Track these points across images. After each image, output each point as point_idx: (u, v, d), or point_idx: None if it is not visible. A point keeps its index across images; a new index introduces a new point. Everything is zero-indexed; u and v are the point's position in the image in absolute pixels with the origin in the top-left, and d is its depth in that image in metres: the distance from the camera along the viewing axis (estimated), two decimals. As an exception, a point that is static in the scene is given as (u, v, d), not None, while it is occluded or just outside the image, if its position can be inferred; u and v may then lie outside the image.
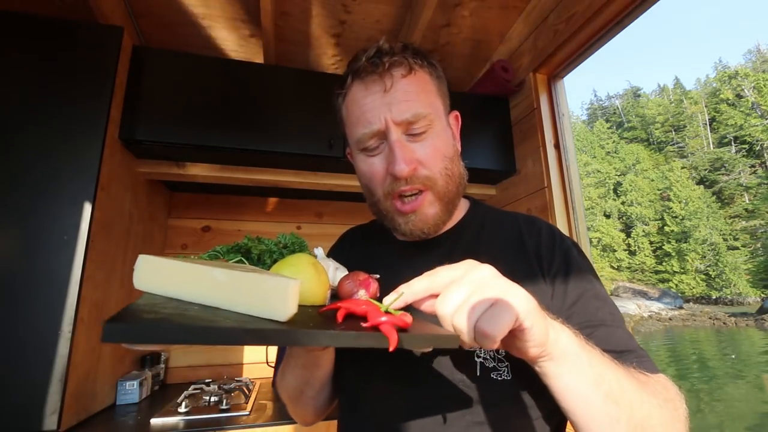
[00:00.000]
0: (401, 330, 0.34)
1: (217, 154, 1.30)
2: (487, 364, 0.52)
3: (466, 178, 0.66)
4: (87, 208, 1.02)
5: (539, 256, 0.59)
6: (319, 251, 0.58)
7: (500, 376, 0.52)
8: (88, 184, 1.03)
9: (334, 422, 0.68)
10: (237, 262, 0.53)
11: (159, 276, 0.37)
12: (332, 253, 0.85)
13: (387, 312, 0.36)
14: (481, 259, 0.60)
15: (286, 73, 1.37)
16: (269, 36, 1.37)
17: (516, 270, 0.57)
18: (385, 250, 0.72)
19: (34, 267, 0.96)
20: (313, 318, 0.37)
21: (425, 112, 0.58)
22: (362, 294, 0.45)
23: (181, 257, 0.51)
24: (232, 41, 1.49)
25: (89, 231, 1.01)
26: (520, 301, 0.37)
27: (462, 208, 0.71)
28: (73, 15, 1.24)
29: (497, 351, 0.53)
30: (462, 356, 0.53)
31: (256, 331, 0.29)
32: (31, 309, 0.95)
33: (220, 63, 1.33)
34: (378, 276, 0.54)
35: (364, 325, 0.33)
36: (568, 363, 0.41)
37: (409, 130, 0.58)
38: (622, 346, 0.52)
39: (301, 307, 0.39)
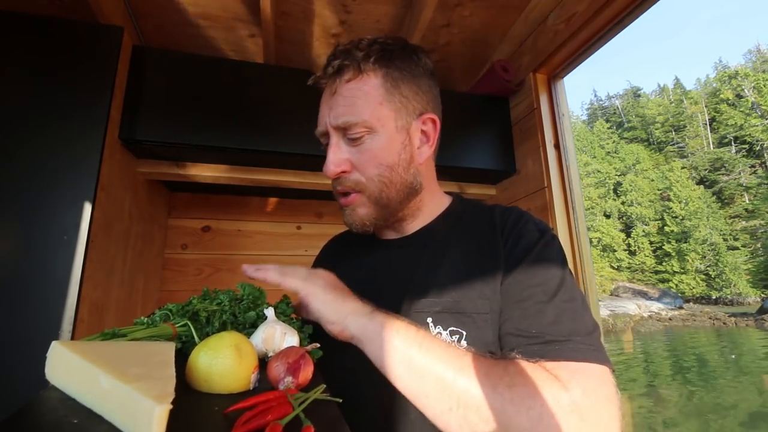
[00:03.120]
0: None
1: (217, 154, 1.30)
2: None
3: (416, 186, 0.65)
4: (87, 208, 1.02)
5: (505, 241, 0.59)
6: (270, 312, 0.55)
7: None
8: (88, 185, 1.03)
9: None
10: (182, 326, 0.52)
11: (64, 370, 0.36)
12: (314, 265, 0.85)
13: (297, 419, 0.34)
14: (452, 253, 0.62)
15: (286, 73, 1.37)
16: (269, 36, 1.37)
17: (482, 260, 0.58)
18: (361, 250, 0.75)
19: (34, 267, 0.96)
20: (205, 429, 0.34)
21: (357, 120, 0.59)
22: (289, 382, 0.42)
23: (132, 325, 0.50)
24: (232, 41, 1.49)
25: (89, 231, 1.01)
26: (309, 281, 0.56)
27: (442, 204, 0.72)
28: (73, 15, 1.24)
29: (458, 342, 0.53)
30: None
31: None
32: (31, 309, 0.94)
33: (220, 63, 1.33)
34: (318, 345, 0.52)
35: None
36: (367, 344, 0.50)
37: (347, 135, 0.61)
38: (548, 337, 0.47)
39: (212, 398, 0.39)
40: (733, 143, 45.24)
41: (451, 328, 0.54)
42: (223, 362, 0.41)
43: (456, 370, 0.44)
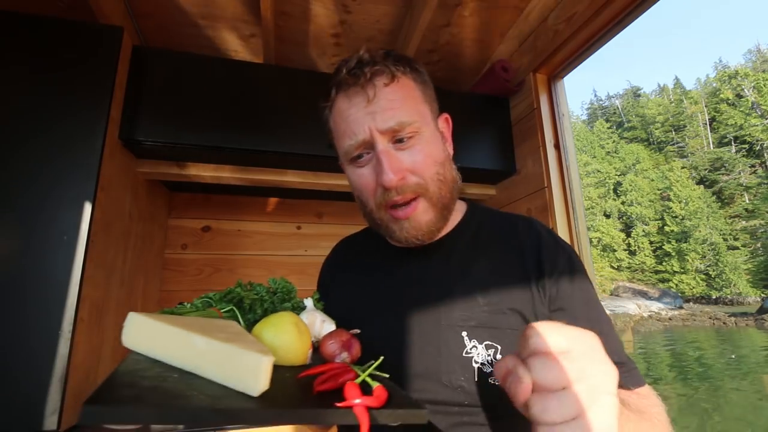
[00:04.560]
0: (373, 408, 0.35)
1: (217, 154, 1.30)
2: (485, 369, 0.53)
3: (459, 182, 0.67)
4: (87, 208, 1.02)
5: (539, 259, 0.59)
6: (309, 302, 0.58)
7: (498, 380, 0.53)
8: (88, 184, 1.03)
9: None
10: (228, 311, 0.54)
11: (145, 336, 0.39)
12: (326, 266, 0.85)
13: (364, 383, 0.38)
14: (478, 264, 0.61)
15: (286, 73, 1.37)
16: (269, 36, 1.37)
17: (511, 273, 0.59)
18: (380, 258, 0.71)
19: (33, 267, 0.96)
20: (289, 388, 0.38)
21: (410, 120, 0.57)
22: (345, 357, 0.46)
23: (175, 308, 0.52)
24: (233, 41, 1.49)
25: (89, 231, 1.01)
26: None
27: (459, 211, 0.70)
28: (73, 15, 1.24)
29: (494, 356, 0.54)
30: (461, 363, 0.54)
31: (227, 412, 0.30)
32: (31, 309, 0.94)
33: (221, 63, 1.33)
34: (359, 331, 0.55)
35: (338, 405, 0.34)
36: None
37: (395, 139, 0.58)
38: (615, 358, 0.51)
39: (279, 369, 0.40)
40: (733, 143, 45.23)
41: (487, 342, 0.54)
42: (286, 337, 0.44)
43: None
